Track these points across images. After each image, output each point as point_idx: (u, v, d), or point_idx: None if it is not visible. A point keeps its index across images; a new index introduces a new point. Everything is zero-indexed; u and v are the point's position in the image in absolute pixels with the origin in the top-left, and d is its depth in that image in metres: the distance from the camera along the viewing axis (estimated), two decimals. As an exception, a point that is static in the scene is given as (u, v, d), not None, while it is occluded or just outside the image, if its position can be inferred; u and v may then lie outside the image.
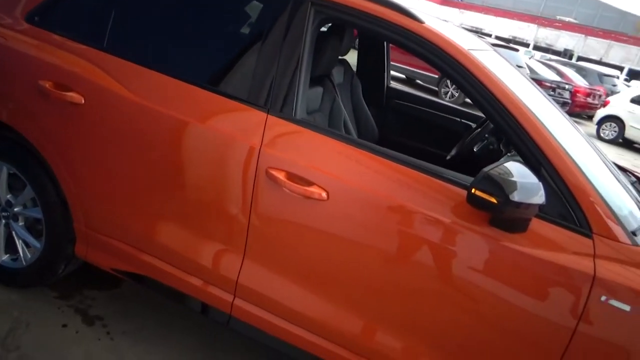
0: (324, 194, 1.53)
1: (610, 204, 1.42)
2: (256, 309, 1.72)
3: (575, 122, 2.08)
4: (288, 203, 1.58)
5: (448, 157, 2.36)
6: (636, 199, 1.78)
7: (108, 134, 1.78)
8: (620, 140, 12.26)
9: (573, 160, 1.44)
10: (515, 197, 1.27)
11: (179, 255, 1.78)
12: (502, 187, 1.27)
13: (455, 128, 2.78)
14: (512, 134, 1.45)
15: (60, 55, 1.80)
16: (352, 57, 2.68)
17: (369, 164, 1.56)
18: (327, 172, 1.54)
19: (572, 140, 1.78)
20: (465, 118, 2.81)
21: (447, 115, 2.85)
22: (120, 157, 1.78)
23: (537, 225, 1.39)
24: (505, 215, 1.33)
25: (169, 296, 1.90)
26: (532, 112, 1.48)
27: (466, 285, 1.46)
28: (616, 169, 1.99)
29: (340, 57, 2.75)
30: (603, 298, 1.31)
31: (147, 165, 1.76)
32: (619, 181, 1.86)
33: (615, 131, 12.23)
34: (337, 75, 2.56)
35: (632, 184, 2.02)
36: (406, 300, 1.55)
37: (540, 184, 1.33)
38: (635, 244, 1.37)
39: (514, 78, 1.79)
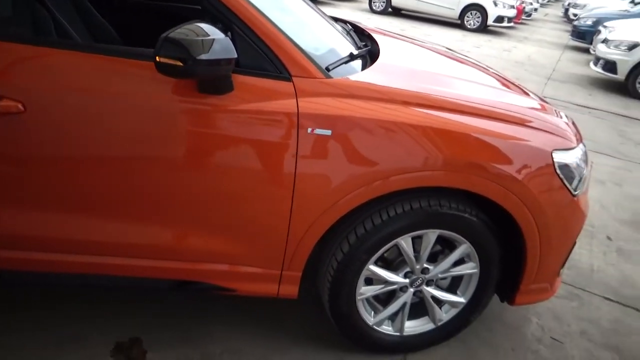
0: (20, 106, 1.37)
1: (305, 48, 1.54)
2: (11, 252, 1.56)
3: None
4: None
5: None
6: (346, 41, 1.98)
7: None
8: (390, 10, 13.49)
9: (265, 16, 1.49)
10: (203, 55, 1.28)
11: None
12: (186, 48, 1.26)
13: (192, 15, 2.70)
14: None
15: None
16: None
17: (70, 62, 1.42)
18: (16, 81, 1.38)
19: (281, 5, 1.86)
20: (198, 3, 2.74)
21: (182, 5, 2.75)
22: None
23: (244, 81, 1.45)
24: (202, 77, 1.36)
25: None
26: None
27: (205, 160, 1.49)
28: (331, 20, 2.17)
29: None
30: (309, 130, 1.47)
31: None
32: (335, 29, 2.04)
33: (383, 2, 13.35)
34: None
35: (348, 31, 2.23)
36: (141, 189, 1.53)
37: (228, 39, 1.36)
38: (328, 77, 1.54)
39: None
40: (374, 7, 13.41)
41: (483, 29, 12.77)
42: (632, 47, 7.25)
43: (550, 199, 1.68)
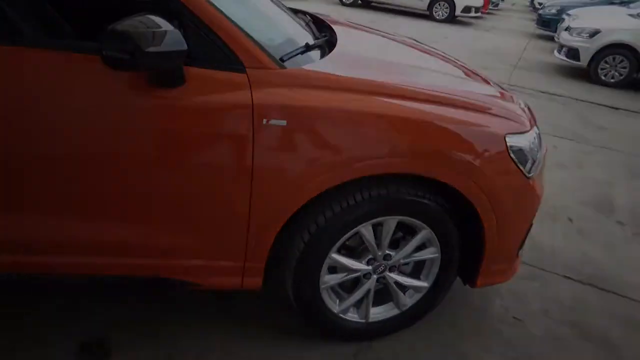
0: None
1: (259, 39, 1.53)
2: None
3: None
4: None
5: None
6: (303, 31, 1.98)
7: None
8: (360, 2, 13.52)
9: (216, 7, 1.46)
10: (151, 47, 1.27)
11: None
12: (133, 40, 1.24)
13: (145, 7, 2.66)
14: None
15: None
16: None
17: (17, 57, 1.38)
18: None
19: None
20: None
21: None
22: None
23: (196, 73, 1.43)
24: (151, 69, 1.34)
25: None
26: None
27: (159, 155, 1.47)
28: (288, 12, 2.17)
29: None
30: (264, 121, 1.47)
31: None
32: (292, 20, 2.04)
33: (353, -6, 13.36)
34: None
35: (307, 22, 2.23)
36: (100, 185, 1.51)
37: (177, 31, 1.34)
38: (283, 67, 1.53)
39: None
40: (344, 1, 13.40)
41: (451, 19, 12.92)
42: (593, 34, 7.45)
43: (505, 182, 1.72)
